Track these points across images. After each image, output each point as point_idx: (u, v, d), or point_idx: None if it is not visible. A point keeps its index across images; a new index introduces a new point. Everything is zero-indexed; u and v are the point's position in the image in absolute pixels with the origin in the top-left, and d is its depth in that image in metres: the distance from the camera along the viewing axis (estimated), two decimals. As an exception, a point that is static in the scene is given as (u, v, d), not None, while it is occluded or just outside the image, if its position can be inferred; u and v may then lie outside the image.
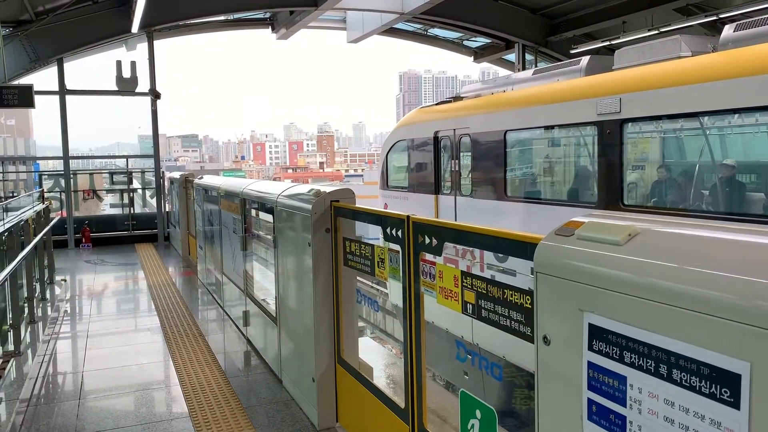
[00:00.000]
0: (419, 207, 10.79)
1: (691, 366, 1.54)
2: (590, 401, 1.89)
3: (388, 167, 12.43)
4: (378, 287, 14.18)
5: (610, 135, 7.20)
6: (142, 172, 18.37)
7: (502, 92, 9.86)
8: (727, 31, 6.70)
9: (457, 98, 10.96)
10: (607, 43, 16.41)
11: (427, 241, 3.29)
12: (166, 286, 10.14)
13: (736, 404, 1.43)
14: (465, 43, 21.39)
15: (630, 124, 7.08)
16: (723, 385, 1.46)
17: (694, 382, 1.53)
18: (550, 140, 8.88)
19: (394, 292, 9.03)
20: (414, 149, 11.37)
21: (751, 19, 6.56)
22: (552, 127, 8.50)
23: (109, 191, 17.62)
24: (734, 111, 6.09)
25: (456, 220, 9.89)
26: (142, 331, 7.73)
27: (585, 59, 8.52)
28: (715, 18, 14.07)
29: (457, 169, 10.10)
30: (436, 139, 10.64)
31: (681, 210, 6.76)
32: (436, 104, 11.54)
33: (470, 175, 9.76)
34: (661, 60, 7.09)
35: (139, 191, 18.10)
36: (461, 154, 10.00)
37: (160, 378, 5.99)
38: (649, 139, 7.43)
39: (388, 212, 3.84)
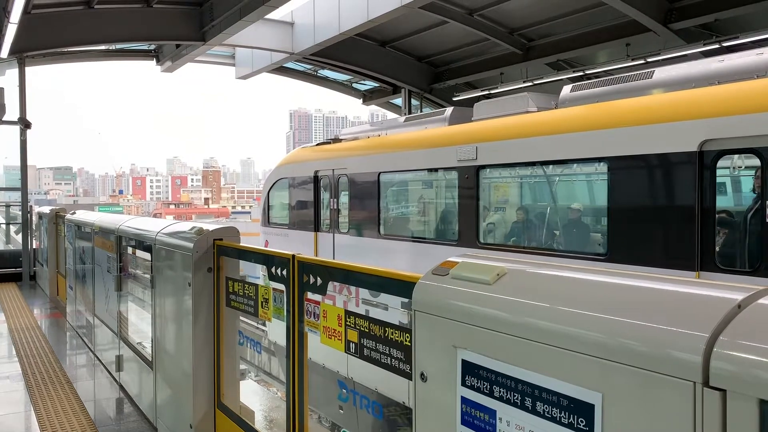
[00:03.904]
0: (299, 244, 11.07)
1: (553, 398, 1.65)
2: (464, 436, 1.96)
3: (270, 204, 12.73)
4: (263, 328, 13.87)
5: (468, 179, 7.94)
6: (7, 206, 17.00)
7: (377, 136, 10.45)
8: (565, 90, 7.55)
9: (337, 140, 11.54)
10: (486, 92, 17.42)
11: (312, 280, 3.30)
12: (30, 329, 9.37)
13: (590, 432, 1.55)
14: (354, 85, 21.90)
15: (485, 169, 7.83)
16: (579, 415, 1.57)
17: (555, 414, 1.64)
18: (419, 183, 9.62)
19: (272, 328, 8.94)
20: (295, 187, 11.77)
21: (585, 82, 7.51)
22: (420, 170, 9.22)
23: (-34, 226, 16.14)
24: (571, 161, 7.02)
25: (334, 257, 10.20)
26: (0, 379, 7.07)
27: (449, 110, 9.32)
28: (581, 73, 15.38)
29: (335, 207, 10.55)
30: (316, 178, 11.06)
31: (528, 248, 7.53)
32: (317, 144, 12.07)
33: (347, 214, 10.25)
34: (512, 114, 7.93)
35: (3, 226, 16.71)
36: (339, 193, 10.47)
37: (20, 431, 5.48)
38: (501, 184, 8.30)
39: (274, 251, 3.82)
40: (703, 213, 5.46)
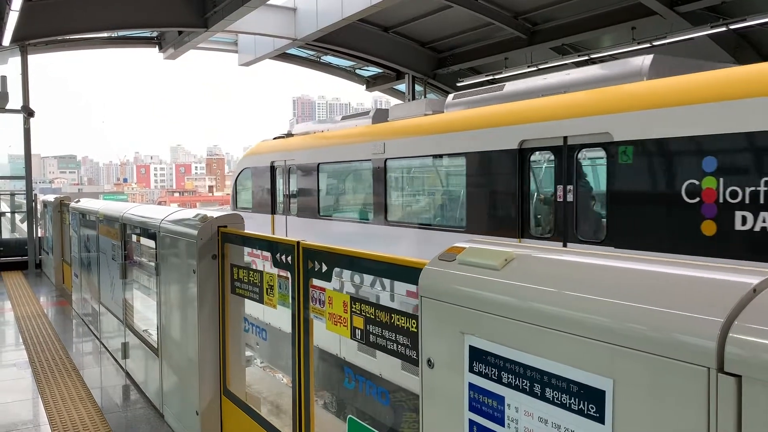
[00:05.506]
0: (260, 225, 12.77)
1: (562, 384, 1.63)
2: (471, 422, 1.95)
3: (237, 191, 14.55)
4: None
5: (379, 170, 9.63)
6: (12, 195, 17.02)
7: (321, 132, 12.03)
8: (449, 98, 9.20)
9: (290, 135, 13.35)
10: (491, 77, 17.28)
11: (317, 267, 3.28)
12: (37, 317, 9.41)
13: (601, 419, 1.52)
14: (357, 71, 21.78)
15: (390, 161, 9.57)
16: (590, 402, 1.55)
17: (564, 400, 1.62)
18: (346, 172, 11.56)
19: (249, 304, 9.56)
20: (256, 176, 13.50)
21: (465, 91, 9.14)
22: (346, 162, 11.16)
23: (-29, 215, 16.17)
24: (443, 155, 8.95)
25: (287, 235, 11.72)
26: (7, 366, 7.10)
27: (372, 110, 11.01)
28: (587, 57, 15.24)
29: (287, 193, 12.33)
30: (272, 168, 12.77)
31: (418, 224, 9.29)
32: (274, 139, 13.80)
33: (296, 199, 12.02)
34: (413, 116, 9.71)
35: (8, 215, 16.74)
36: (290, 181, 12.24)
37: (27, 418, 5.50)
38: (401, 173, 10.11)
39: (278, 238, 3.81)
40: (522, 195, 7.23)
